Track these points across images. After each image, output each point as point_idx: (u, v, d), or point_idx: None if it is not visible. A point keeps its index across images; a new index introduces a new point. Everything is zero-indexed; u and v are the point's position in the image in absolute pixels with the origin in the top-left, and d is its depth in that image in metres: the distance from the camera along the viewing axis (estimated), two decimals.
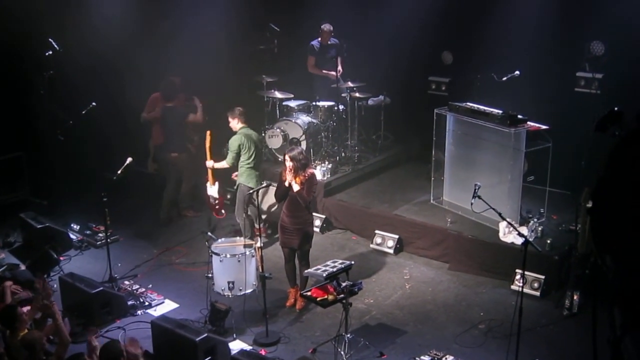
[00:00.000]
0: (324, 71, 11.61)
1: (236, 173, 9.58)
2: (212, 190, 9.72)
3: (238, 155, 9.36)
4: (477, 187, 7.44)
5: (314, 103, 11.41)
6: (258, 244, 8.10)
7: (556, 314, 8.17)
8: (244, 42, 12.80)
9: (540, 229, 9.01)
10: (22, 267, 9.08)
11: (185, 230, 10.52)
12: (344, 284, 7.23)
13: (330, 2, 12.08)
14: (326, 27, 11.55)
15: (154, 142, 10.93)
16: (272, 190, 8.91)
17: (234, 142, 9.35)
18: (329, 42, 11.51)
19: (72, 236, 9.97)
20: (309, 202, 8.15)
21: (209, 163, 9.50)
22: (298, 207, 8.11)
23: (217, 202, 9.83)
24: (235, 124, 9.44)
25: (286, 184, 8.08)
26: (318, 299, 7.37)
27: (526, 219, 9.18)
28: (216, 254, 8.16)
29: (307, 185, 8.04)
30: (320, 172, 10.61)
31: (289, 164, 8.00)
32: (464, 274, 9.18)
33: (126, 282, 8.95)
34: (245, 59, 12.73)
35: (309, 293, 7.49)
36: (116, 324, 8.12)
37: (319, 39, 11.63)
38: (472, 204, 7.51)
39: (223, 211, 9.99)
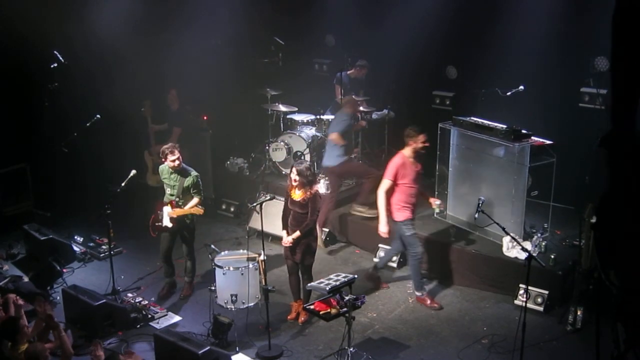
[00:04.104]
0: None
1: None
2: (166, 219, 8.76)
3: None
4: (480, 202, 7.46)
5: (318, 116, 11.42)
6: (261, 257, 8.09)
7: (559, 329, 8.15)
8: (248, 55, 12.85)
9: (543, 244, 8.99)
10: (25, 279, 9.10)
11: None
12: (347, 298, 7.20)
13: (335, 16, 12.15)
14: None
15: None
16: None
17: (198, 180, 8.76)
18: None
19: (75, 248, 9.96)
20: (315, 223, 8.15)
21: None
22: (301, 221, 8.10)
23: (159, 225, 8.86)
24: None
25: (289, 238, 8.07)
26: (321, 313, 7.36)
27: (530, 233, 9.16)
28: (219, 266, 8.15)
29: (311, 206, 8.03)
30: (324, 185, 10.60)
31: (294, 176, 8.00)
32: (467, 288, 9.17)
33: (129, 295, 8.93)
34: (249, 72, 12.77)
35: (312, 306, 7.48)
36: (119, 337, 8.10)
37: (347, 71, 11.59)
38: (475, 218, 7.53)
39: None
